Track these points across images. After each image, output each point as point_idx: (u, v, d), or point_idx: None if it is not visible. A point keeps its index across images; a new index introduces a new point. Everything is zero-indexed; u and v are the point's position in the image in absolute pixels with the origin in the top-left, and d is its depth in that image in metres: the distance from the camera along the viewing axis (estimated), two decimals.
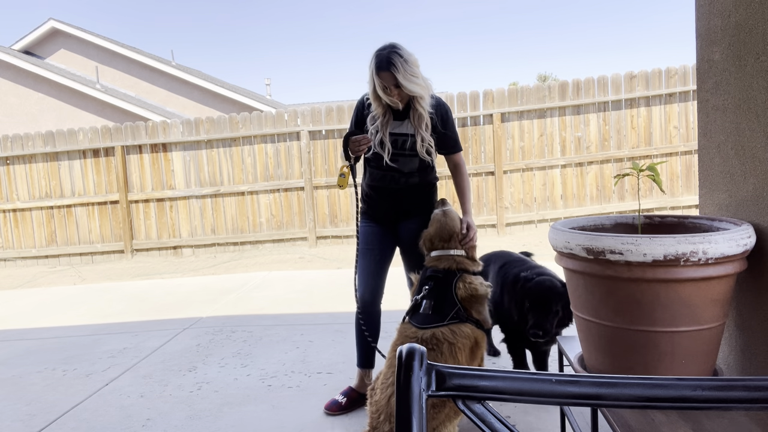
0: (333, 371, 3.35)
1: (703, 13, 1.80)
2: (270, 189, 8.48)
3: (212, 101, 15.15)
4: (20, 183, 8.87)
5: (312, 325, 4.30)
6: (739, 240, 1.42)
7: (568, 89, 7.91)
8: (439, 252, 2.46)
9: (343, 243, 8.37)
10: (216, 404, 2.98)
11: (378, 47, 2.47)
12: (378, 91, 2.48)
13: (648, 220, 1.82)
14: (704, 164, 1.85)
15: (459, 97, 8.06)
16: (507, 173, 8.07)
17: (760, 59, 1.51)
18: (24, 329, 4.88)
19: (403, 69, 2.38)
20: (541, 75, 31.20)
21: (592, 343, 1.63)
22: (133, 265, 8.29)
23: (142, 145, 8.62)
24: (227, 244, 8.63)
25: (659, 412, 1.44)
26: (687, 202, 7.73)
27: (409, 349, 0.67)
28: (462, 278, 2.34)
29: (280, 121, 8.38)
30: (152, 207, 8.69)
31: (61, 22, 15.04)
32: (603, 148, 7.94)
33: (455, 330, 2.22)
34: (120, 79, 15.20)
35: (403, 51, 2.43)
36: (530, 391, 0.67)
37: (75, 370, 3.68)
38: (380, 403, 2.16)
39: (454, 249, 2.44)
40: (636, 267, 1.42)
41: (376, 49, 2.47)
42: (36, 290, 6.91)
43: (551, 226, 1.72)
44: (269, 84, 20.45)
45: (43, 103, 13.58)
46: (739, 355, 1.69)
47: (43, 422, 2.91)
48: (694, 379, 0.65)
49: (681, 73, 7.70)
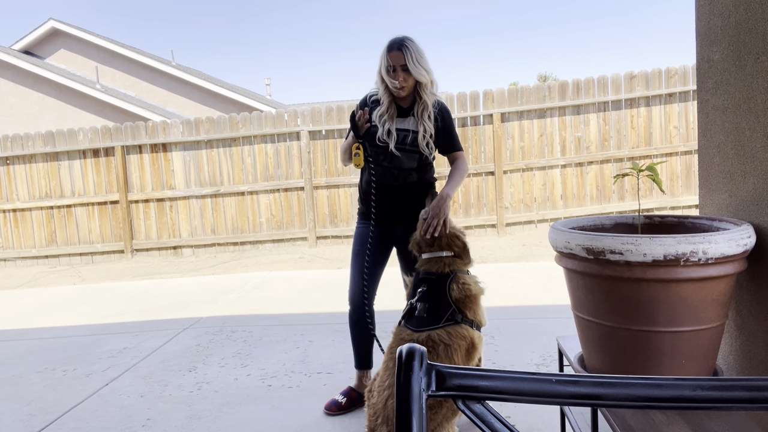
0: (333, 371, 3.35)
1: (703, 13, 1.80)
2: (270, 189, 8.48)
3: (212, 101, 15.15)
4: (20, 183, 8.87)
5: (312, 325, 4.30)
6: (739, 240, 1.42)
7: (568, 89, 7.91)
8: (429, 254, 2.44)
9: (343, 243, 8.37)
10: (216, 404, 2.98)
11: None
12: (383, 74, 2.57)
13: (648, 220, 1.82)
14: (704, 164, 1.85)
15: (459, 97, 8.06)
16: (507, 173, 8.07)
17: (760, 59, 1.51)
18: (24, 329, 4.88)
19: (413, 54, 2.52)
20: (541, 75, 31.20)
21: (592, 343, 1.63)
22: (133, 265, 8.29)
23: (142, 145, 8.62)
24: (227, 244, 8.63)
25: (659, 412, 1.44)
26: (687, 202, 7.73)
27: (409, 349, 0.67)
28: (455, 279, 2.32)
29: (280, 121, 8.38)
30: (152, 207, 8.69)
31: (61, 22, 15.04)
32: (603, 148, 7.94)
33: (451, 332, 2.21)
34: (120, 79, 15.20)
35: (415, 42, 2.58)
36: (530, 391, 0.67)
37: (75, 370, 3.68)
38: (377, 405, 2.16)
39: (444, 251, 2.43)
40: (636, 267, 1.42)
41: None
42: (36, 290, 6.91)
43: (551, 226, 1.72)
44: (269, 84, 20.46)
45: (43, 103, 13.58)
46: (739, 355, 1.69)
47: (43, 422, 2.91)
48: (694, 379, 0.65)
49: (681, 73, 7.71)
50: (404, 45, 2.53)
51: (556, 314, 4.07)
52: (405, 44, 2.53)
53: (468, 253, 2.48)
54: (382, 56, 2.59)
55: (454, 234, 2.48)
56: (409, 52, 2.51)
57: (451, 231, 2.48)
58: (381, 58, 2.60)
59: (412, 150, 2.64)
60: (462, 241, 2.47)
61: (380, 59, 2.60)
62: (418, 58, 2.52)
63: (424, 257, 2.46)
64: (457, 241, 2.45)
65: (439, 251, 2.43)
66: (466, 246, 2.48)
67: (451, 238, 2.45)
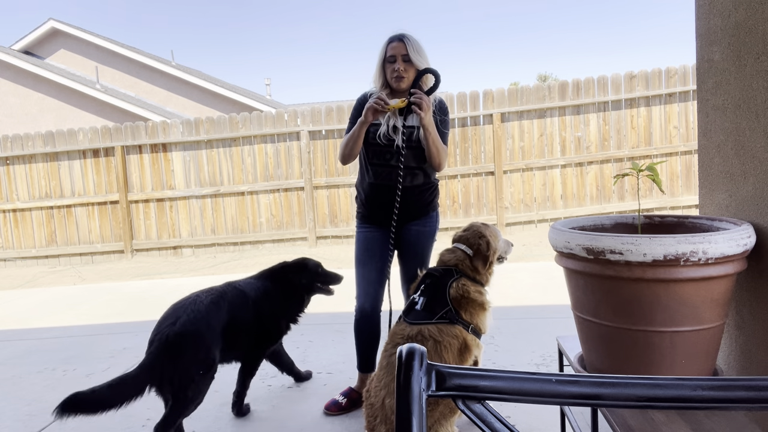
0: (333, 371, 3.34)
1: (703, 13, 1.80)
2: (270, 189, 8.48)
3: (212, 101, 15.15)
4: (20, 183, 8.87)
5: (312, 325, 4.30)
6: (739, 240, 1.42)
7: (568, 89, 7.90)
8: (455, 244, 2.42)
9: (343, 243, 8.37)
10: (216, 404, 2.98)
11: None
12: (385, 67, 2.59)
13: (648, 220, 1.82)
14: (704, 164, 1.85)
15: (459, 97, 8.06)
16: (507, 173, 8.07)
17: (760, 59, 1.51)
18: (24, 329, 4.88)
19: (414, 45, 2.56)
20: (541, 75, 31.19)
21: (592, 343, 1.63)
22: (133, 265, 8.29)
23: (142, 145, 8.62)
24: (227, 244, 8.63)
25: (659, 412, 1.44)
26: (687, 202, 7.73)
27: (409, 349, 0.67)
28: (458, 280, 2.29)
29: (280, 121, 8.38)
30: (152, 207, 8.69)
31: (61, 22, 15.03)
32: (603, 148, 7.94)
33: (442, 329, 2.18)
34: (120, 79, 15.19)
35: (415, 38, 2.61)
36: (530, 391, 0.67)
37: (75, 370, 3.68)
38: (375, 405, 2.15)
39: (466, 246, 2.37)
40: (636, 267, 1.42)
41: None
42: (36, 290, 6.91)
43: (551, 226, 1.72)
44: (269, 84, 20.45)
45: (43, 103, 13.57)
46: (739, 355, 1.69)
47: (43, 422, 2.91)
48: (694, 379, 0.65)
49: (681, 73, 7.70)
50: (405, 36, 2.57)
51: (556, 314, 4.07)
52: (406, 36, 2.57)
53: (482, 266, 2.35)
54: (382, 49, 2.61)
55: (482, 234, 2.37)
56: (410, 43, 2.55)
57: (480, 231, 2.39)
58: (381, 52, 2.61)
59: (418, 146, 2.59)
60: (486, 243, 2.35)
61: (380, 53, 2.62)
62: (418, 49, 2.56)
63: (444, 249, 2.44)
64: (480, 242, 2.35)
65: (461, 243, 2.40)
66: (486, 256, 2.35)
67: (477, 235, 2.37)
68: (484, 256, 2.35)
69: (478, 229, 2.41)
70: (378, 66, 2.62)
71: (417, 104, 2.44)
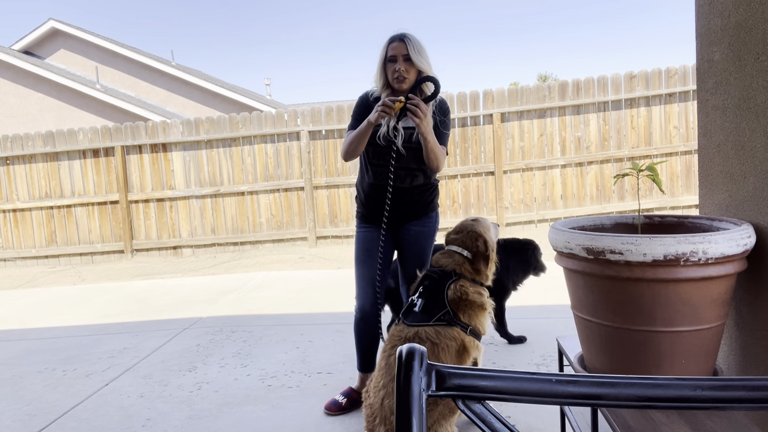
0: (333, 371, 3.34)
1: (703, 13, 1.80)
2: (270, 189, 8.48)
3: (212, 101, 15.15)
4: (20, 183, 8.87)
5: (312, 325, 4.30)
6: (739, 240, 1.42)
7: (568, 89, 7.91)
8: (449, 247, 2.40)
9: (343, 243, 8.37)
10: (216, 404, 2.98)
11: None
12: (386, 67, 2.56)
13: (648, 220, 1.82)
14: (704, 164, 1.85)
15: (459, 97, 8.06)
16: (507, 173, 8.07)
17: (760, 59, 1.51)
18: (24, 329, 4.88)
19: (415, 45, 2.53)
20: (541, 75, 31.19)
21: (592, 343, 1.63)
22: (133, 265, 8.29)
23: (142, 145, 8.62)
24: (227, 244, 8.63)
25: (659, 412, 1.44)
26: (687, 202, 7.73)
27: (409, 348, 0.67)
28: (456, 281, 2.28)
29: (280, 121, 8.38)
30: (152, 207, 8.69)
31: (61, 22, 15.03)
32: (603, 148, 7.94)
33: (440, 331, 2.18)
34: (120, 79, 15.19)
35: (416, 38, 2.58)
36: (530, 391, 0.67)
37: (75, 370, 3.68)
38: (374, 405, 2.15)
39: (461, 247, 2.37)
40: (636, 267, 1.42)
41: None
42: (36, 290, 6.91)
43: (551, 226, 1.72)
44: (269, 84, 20.45)
45: (43, 103, 13.57)
46: (739, 355, 1.69)
47: (43, 422, 2.91)
48: (694, 379, 0.65)
49: (681, 73, 7.70)
50: (406, 36, 2.54)
51: (556, 314, 4.07)
52: (407, 35, 2.54)
53: (483, 266, 2.33)
54: (383, 49, 2.58)
55: (478, 234, 2.36)
56: (411, 43, 2.52)
57: (474, 231, 2.38)
58: (381, 52, 2.59)
59: (418, 147, 2.58)
60: (484, 243, 2.33)
61: (380, 54, 2.59)
62: (419, 49, 2.53)
63: (438, 253, 2.43)
64: (478, 242, 2.34)
65: (456, 246, 2.38)
66: (486, 255, 2.32)
67: (473, 237, 2.35)
68: (484, 257, 2.35)
69: (472, 229, 2.39)
70: (379, 66, 2.59)
71: (413, 112, 2.40)
